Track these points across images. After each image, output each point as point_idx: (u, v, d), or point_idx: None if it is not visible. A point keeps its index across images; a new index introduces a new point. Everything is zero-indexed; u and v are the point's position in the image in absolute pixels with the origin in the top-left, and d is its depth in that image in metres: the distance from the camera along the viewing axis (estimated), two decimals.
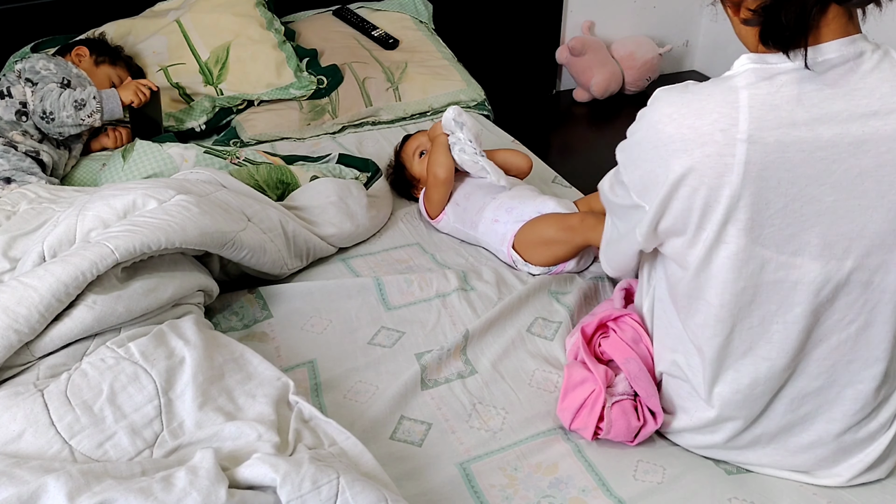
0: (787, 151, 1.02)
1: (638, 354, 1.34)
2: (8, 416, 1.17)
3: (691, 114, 1.06)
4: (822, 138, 1.02)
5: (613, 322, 1.41)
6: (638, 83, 3.25)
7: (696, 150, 1.04)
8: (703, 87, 1.08)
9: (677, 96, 1.09)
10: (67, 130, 2.01)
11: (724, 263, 1.10)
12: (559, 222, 1.70)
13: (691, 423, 1.27)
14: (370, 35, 2.69)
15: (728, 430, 1.23)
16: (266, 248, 1.62)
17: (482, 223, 1.82)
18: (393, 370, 1.46)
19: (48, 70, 2.07)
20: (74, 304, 1.31)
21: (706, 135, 1.04)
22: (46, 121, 1.97)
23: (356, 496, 1.05)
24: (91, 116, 2.00)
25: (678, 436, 1.31)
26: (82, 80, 2.13)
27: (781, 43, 1.02)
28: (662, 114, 1.09)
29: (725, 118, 1.03)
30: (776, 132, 1.02)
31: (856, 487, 1.25)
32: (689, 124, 1.05)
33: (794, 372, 1.17)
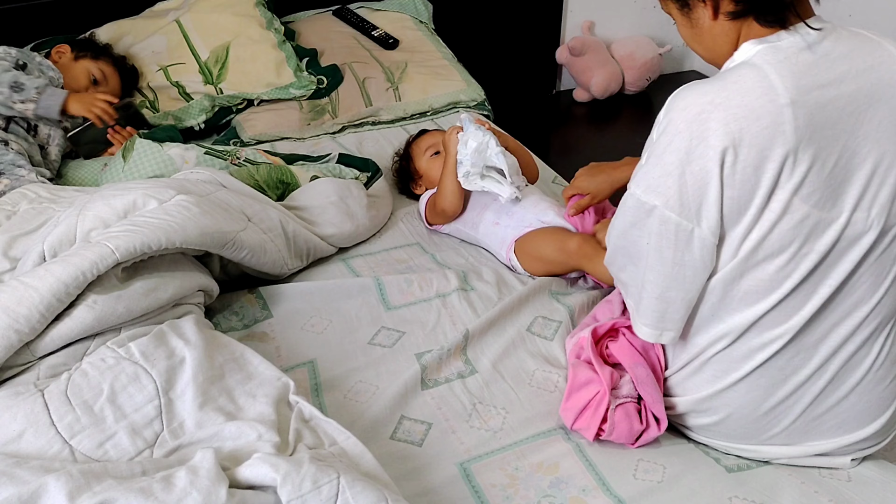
0: (825, 110, 1.08)
1: (647, 361, 1.33)
2: (8, 416, 1.17)
3: (735, 94, 1.07)
4: (846, 94, 1.09)
5: (627, 328, 1.39)
6: (638, 83, 3.25)
7: (753, 126, 1.05)
8: (727, 74, 1.10)
9: (703, 85, 1.10)
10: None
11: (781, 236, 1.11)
12: (558, 243, 1.68)
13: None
14: (370, 35, 2.69)
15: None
16: (266, 248, 1.62)
17: (483, 224, 1.82)
18: (393, 370, 1.46)
19: (8, 55, 2.03)
20: (75, 303, 1.31)
21: (758, 109, 1.06)
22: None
23: (356, 496, 1.05)
24: (24, 103, 1.94)
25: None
26: (44, 69, 2.07)
27: (782, 13, 1.09)
28: (701, 104, 1.08)
29: (767, 91, 1.06)
30: (812, 94, 1.07)
31: (857, 485, 1.25)
32: (737, 103, 1.06)
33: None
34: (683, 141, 1.08)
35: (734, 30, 1.13)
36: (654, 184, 1.12)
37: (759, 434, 1.27)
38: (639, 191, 1.15)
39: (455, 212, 1.85)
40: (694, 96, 1.09)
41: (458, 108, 2.52)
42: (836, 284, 1.15)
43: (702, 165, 1.08)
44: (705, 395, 1.27)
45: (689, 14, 1.16)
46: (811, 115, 1.07)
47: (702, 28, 1.15)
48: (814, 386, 1.21)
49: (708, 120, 1.06)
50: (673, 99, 1.13)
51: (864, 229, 1.12)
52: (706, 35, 1.16)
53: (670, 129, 1.10)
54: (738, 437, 1.29)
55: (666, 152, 1.10)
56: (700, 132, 1.07)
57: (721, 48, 1.15)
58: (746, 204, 1.09)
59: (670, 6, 1.19)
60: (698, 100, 1.08)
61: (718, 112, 1.06)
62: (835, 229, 1.11)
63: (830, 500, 1.21)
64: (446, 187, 1.83)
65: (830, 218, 1.11)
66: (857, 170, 1.11)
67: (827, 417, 1.23)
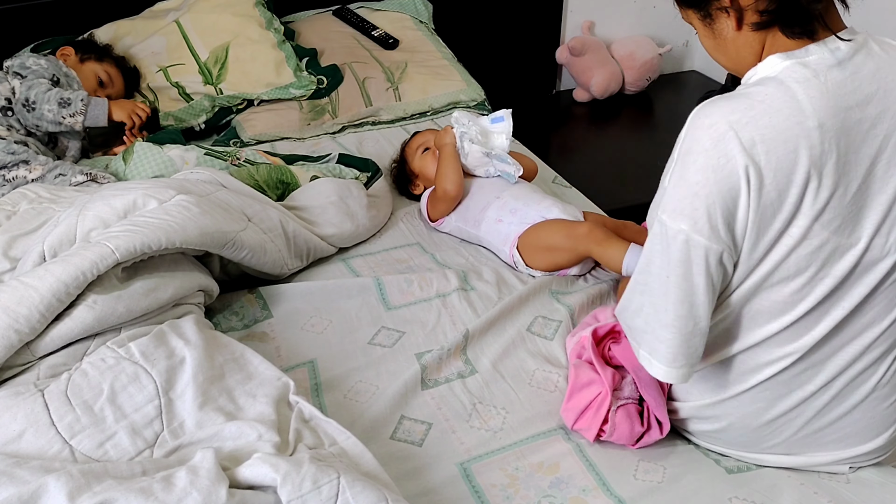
0: (850, 133, 1.05)
1: None
2: (8, 416, 1.17)
3: (763, 114, 1.03)
4: (871, 117, 1.06)
5: None
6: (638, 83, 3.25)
7: (779, 148, 1.02)
8: (753, 91, 1.06)
9: (730, 101, 1.05)
10: (45, 125, 1.99)
11: (799, 261, 1.08)
12: (567, 229, 1.69)
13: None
14: (370, 35, 2.69)
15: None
16: (266, 248, 1.62)
17: (485, 222, 1.82)
18: (393, 370, 1.46)
19: (39, 65, 2.07)
20: (75, 303, 1.31)
21: (785, 131, 1.02)
22: (27, 109, 1.96)
23: (356, 496, 1.05)
24: (73, 117, 1.99)
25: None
26: (71, 79, 2.13)
27: (809, 24, 1.04)
28: (729, 121, 1.03)
29: (795, 112, 1.03)
30: (838, 118, 1.04)
31: (857, 486, 1.25)
32: (765, 123, 1.02)
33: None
34: (711, 159, 1.03)
35: (758, 41, 1.08)
36: (679, 206, 1.06)
37: (760, 443, 1.27)
38: (664, 216, 1.08)
39: (458, 193, 1.85)
40: (720, 113, 1.04)
41: (458, 108, 2.52)
42: (849, 308, 1.12)
43: (731, 185, 1.03)
44: (708, 402, 1.27)
45: (712, 25, 1.11)
46: (838, 138, 1.03)
47: (725, 39, 1.11)
48: (817, 401, 1.20)
49: (736, 138, 1.02)
50: (696, 116, 1.07)
51: (882, 255, 1.10)
52: (730, 46, 1.12)
53: (695, 148, 1.05)
54: (738, 445, 1.29)
55: (690, 171, 1.05)
56: (728, 150, 1.02)
57: (745, 59, 1.11)
58: (767, 227, 1.06)
59: (691, 16, 1.14)
60: (726, 117, 1.03)
61: (746, 132, 1.02)
62: (853, 255, 1.09)
63: (830, 502, 1.21)
64: (446, 168, 1.85)
65: (849, 244, 1.08)
66: (878, 194, 1.08)
67: (828, 431, 1.23)
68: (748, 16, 1.07)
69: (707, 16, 1.11)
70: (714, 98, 1.08)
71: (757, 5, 1.05)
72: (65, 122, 1.99)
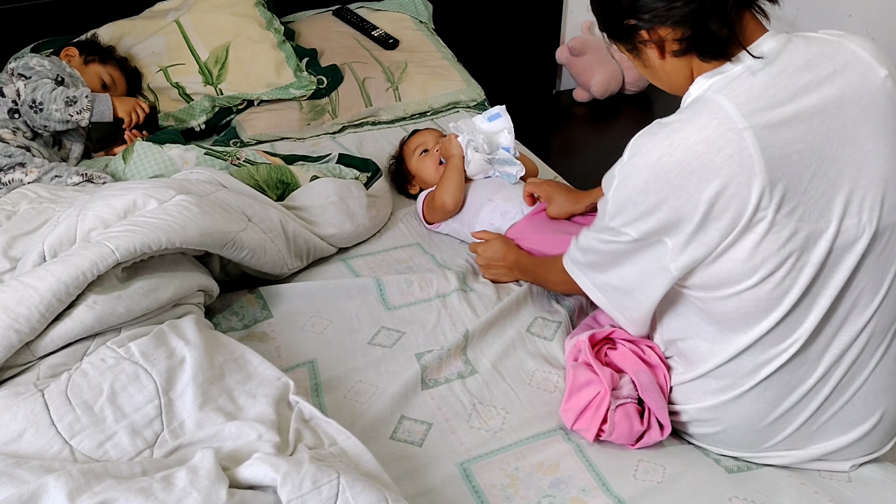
0: (790, 125, 1.08)
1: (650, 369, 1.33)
2: (8, 416, 1.17)
3: (693, 132, 1.07)
4: (810, 106, 1.09)
5: (630, 342, 1.38)
6: (638, 83, 3.25)
7: (716, 158, 1.06)
8: (682, 113, 1.12)
9: (663, 128, 1.11)
10: (53, 125, 2.00)
11: (772, 255, 1.10)
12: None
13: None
14: (370, 35, 2.69)
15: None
16: (266, 248, 1.62)
17: (478, 225, 1.83)
18: (393, 370, 1.46)
19: (42, 66, 2.08)
20: (75, 303, 1.31)
21: (717, 140, 1.06)
22: (35, 110, 1.97)
23: (356, 496, 1.05)
24: (80, 114, 2.01)
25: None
26: (76, 79, 2.14)
27: (721, 48, 1.10)
28: (661, 147, 1.09)
29: (723, 121, 1.07)
30: (771, 113, 1.07)
31: (857, 484, 1.25)
32: (696, 140, 1.07)
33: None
34: (651, 184, 1.10)
35: (685, 64, 1.15)
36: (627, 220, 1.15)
37: (762, 443, 1.27)
38: (612, 223, 1.17)
39: (456, 206, 1.85)
40: (653, 141, 1.10)
41: (458, 108, 2.52)
42: (835, 293, 1.13)
43: (677, 205, 1.09)
44: (709, 405, 1.27)
45: (640, 56, 1.18)
46: (775, 133, 1.06)
47: (654, 67, 1.18)
48: (818, 394, 1.20)
49: (670, 162, 1.08)
50: (632, 145, 1.14)
51: (857, 235, 1.11)
52: (660, 72, 1.18)
53: (634, 174, 1.12)
54: (741, 446, 1.29)
55: (634, 194, 1.12)
56: (665, 175, 1.08)
57: (678, 82, 1.18)
58: (728, 230, 1.09)
59: (621, 49, 1.21)
60: (658, 144, 1.09)
61: (679, 153, 1.07)
62: (826, 239, 1.10)
63: (830, 501, 1.21)
64: (450, 181, 1.85)
65: (819, 229, 1.10)
66: (839, 176, 1.10)
67: (831, 423, 1.23)
68: (668, 45, 1.13)
69: (633, 48, 1.17)
70: (650, 126, 1.14)
71: (673, 34, 1.11)
72: (72, 120, 2.01)
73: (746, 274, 1.11)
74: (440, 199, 1.85)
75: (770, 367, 1.18)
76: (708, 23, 1.07)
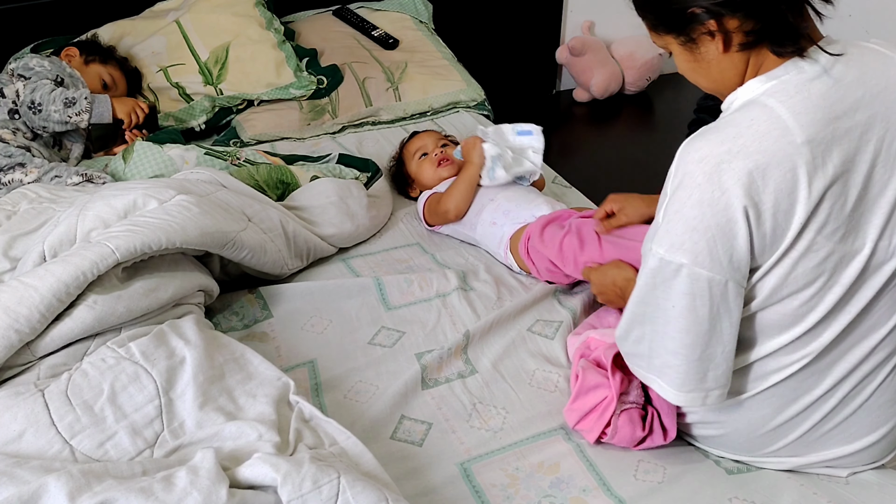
0: (842, 142, 1.04)
1: None
2: (9, 416, 1.17)
3: (752, 141, 1.03)
4: (861, 123, 1.05)
5: None
6: (638, 83, 3.25)
7: (775, 172, 1.02)
8: (737, 118, 1.06)
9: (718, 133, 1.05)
10: (52, 126, 2.00)
11: (806, 273, 1.08)
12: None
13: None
14: (370, 35, 2.69)
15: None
16: (266, 248, 1.62)
17: (480, 225, 1.82)
18: (393, 370, 1.46)
19: (42, 67, 2.08)
20: (75, 303, 1.31)
21: (778, 153, 1.02)
22: (33, 111, 1.97)
23: (357, 496, 1.05)
24: (79, 116, 2.01)
25: None
26: (76, 80, 2.14)
27: (797, 42, 1.04)
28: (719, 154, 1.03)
29: (784, 133, 1.03)
30: (829, 128, 1.04)
31: (856, 487, 1.25)
32: (756, 148, 1.02)
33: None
34: (705, 193, 1.03)
35: (743, 61, 1.08)
36: (678, 241, 1.06)
37: (764, 447, 1.26)
38: (661, 250, 1.07)
39: (458, 216, 1.84)
40: (709, 146, 1.04)
41: (458, 108, 2.52)
42: (857, 312, 1.12)
43: (728, 217, 1.03)
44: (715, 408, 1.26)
45: (694, 49, 1.10)
46: (829, 150, 1.03)
47: (709, 62, 1.10)
48: (824, 405, 1.20)
49: (728, 170, 1.02)
50: (685, 150, 1.07)
51: (887, 257, 1.10)
52: (713, 68, 1.10)
53: (688, 182, 1.05)
54: (743, 450, 1.29)
55: (686, 206, 1.05)
56: (721, 183, 1.02)
57: (730, 80, 1.11)
58: (773, 247, 1.06)
59: (669, 42, 1.12)
60: (715, 149, 1.03)
61: (738, 161, 1.02)
62: (859, 261, 1.08)
63: (829, 501, 1.21)
64: (459, 190, 1.83)
65: (854, 250, 1.08)
66: (878, 198, 1.07)
67: (834, 433, 1.23)
68: (735, 37, 1.06)
69: (690, 41, 1.09)
70: (702, 130, 1.08)
71: (743, 26, 1.04)
72: (71, 121, 2.01)
73: (776, 291, 1.10)
74: (444, 206, 1.84)
75: (779, 376, 1.18)
76: (784, 13, 1.02)
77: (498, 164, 1.81)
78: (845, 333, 1.14)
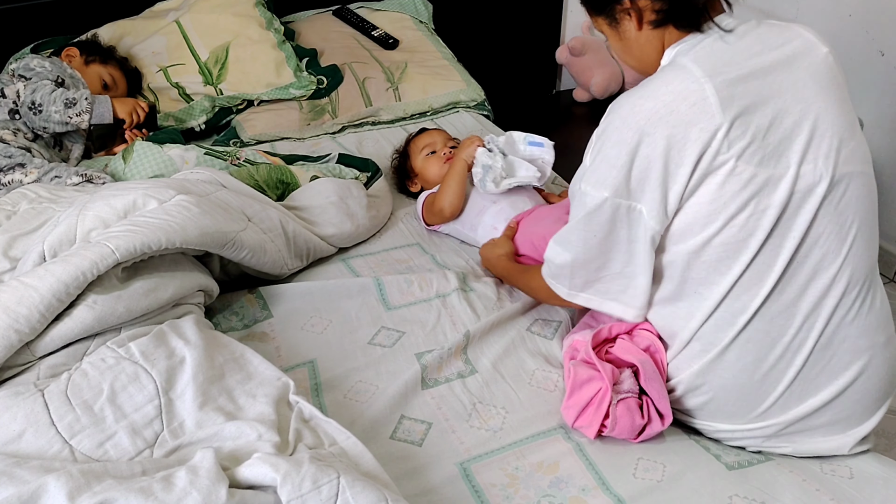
0: (747, 81, 1.18)
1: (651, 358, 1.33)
2: (8, 416, 1.17)
3: (660, 86, 1.18)
4: (764, 66, 1.21)
5: (627, 335, 1.38)
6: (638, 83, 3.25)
7: (681, 105, 1.16)
8: (653, 77, 1.22)
9: (635, 90, 1.21)
10: (52, 127, 2.00)
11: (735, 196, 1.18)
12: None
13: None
14: (370, 35, 2.69)
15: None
16: (266, 248, 1.62)
17: (481, 227, 1.82)
18: (393, 370, 1.46)
19: (43, 67, 2.09)
20: (75, 303, 1.31)
21: (682, 91, 1.16)
22: (34, 112, 1.98)
23: (356, 496, 1.05)
24: (79, 116, 2.01)
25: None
26: (76, 81, 2.14)
27: (696, 18, 1.22)
28: (632, 101, 1.20)
29: (688, 78, 1.17)
30: (730, 70, 1.18)
31: (859, 482, 1.25)
32: (663, 91, 1.17)
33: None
34: (623, 133, 1.19)
35: (658, 38, 1.25)
36: (602, 177, 1.22)
37: (756, 406, 1.27)
38: (588, 187, 1.24)
39: (454, 214, 1.85)
40: (625, 98, 1.22)
41: (458, 108, 2.53)
42: (799, 236, 1.20)
43: (646, 152, 1.18)
44: (697, 369, 1.29)
45: (618, 28, 1.28)
46: (733, 85, 1.17)
47: (630, 40, 1.28)
48: (802, 347, 1.23)
49: (641, 111, 1.18)
50: (611, 106, 1.25)
51: (815, 180, 1.19)
52: (634, 46, 1.28)
53: (609, 129, 1.22)
54: (735, 414, 1.30)
55: (606, 146, 1.21)
56: (635, 123, 1.18)
57: (649, 56, 1.28)
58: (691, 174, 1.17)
59: (601, 23, 1.31)
60: (629, 99, 1.21)
61: (648, 102, 1.17)
62: (786, 182, 1.18)
63: (832, 499, 1.21)
64: (450, 187, 1.83)
65: (778, 174, 1.18)
66: (794, 127, 1.19)
67: (821, 378, 1.25)
68: (646, 15, 1.23)
69: (613, 20, 1.28)
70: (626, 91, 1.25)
71: (653, 5, 1.22)
72: (72, 122, 2.01)
73: (711, 217, 1.19)
74: (438, 205, 1.85)
75: (745, 316, 1.23)
76: None
77: (488, 177, 1.80)
78: (797, 265, 1.21)
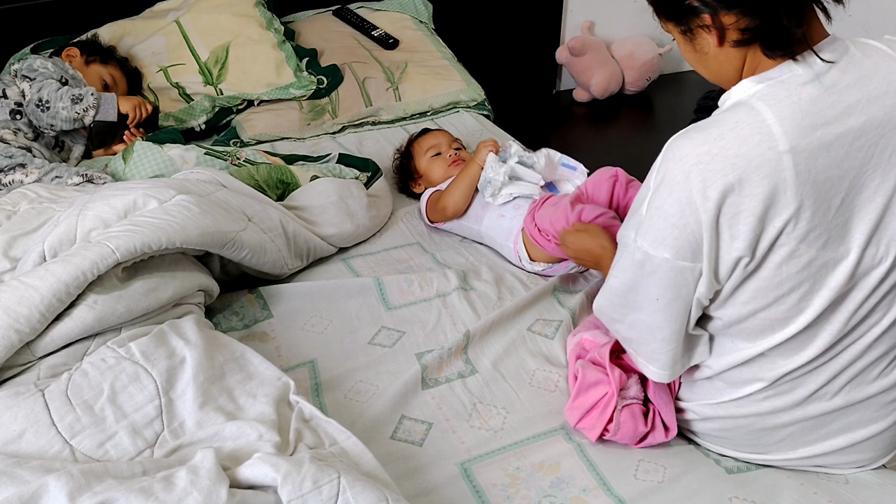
0: (829, 150, 1.04)
1: None
2: (9, 416, 1.17)
3: (732, 144, 1.03)
4: (854, 129, 1.05)
5: None
6: (638, 83, 3.25)
7: (753, 176, 1.02)
8: (724, 118, 1.06)
9: (701, 133, 1.06)
10: (59, 124, 2.01)
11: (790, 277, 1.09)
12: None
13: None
14: (370, 35, 2.69)
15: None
16: (266, 248, 1.62)
17: (487, 218, 1.82)
18: (393, 370, 1.46)
19: (46, 68, 2.09)
20: (75, 303, 1.31)
21: (757, 158, 1.02)
22: (42, 109, 1.98)
23: (357, 496, 1.05)
24: (86, 112, 2.02)
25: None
26: (78, 81, 2.15)
27: (789, 45, 1.04)
28: (698, 154, 1.04)
29: (765, 138, 1.03)
30: (816, 135, 1.03)
31: (855, 486, 1.25)
32: (735, 153, 1.03)
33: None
34: (684, 192, 1.05)
35: (739, 57, 1.08)
36: (660, 236, 1.09)
37: (766, 440, 1.27)
38: (646, 244, 1.11)
39: (456, 214, 1.85)
40: (690, 146, 1.06)
41: (458, 108, 2.52)
42: (848, 315, 1.13)
43: (704, 217, 1.05)
44: (715, 402, 1.27)
45: (693, 40, 1.11)
46: (814, 158, 1.03)
47: (706, 54, 1.11)
48: (822, 398, 1.20)
49: (706, 171, 1.03)
50: (669, 148, 1.09)
51: (874, 264, 1.10)
52: (711, 61, 1.11)
53: (668, 180, 1.07)
54: (744, 445, 1.29)
55: (667, 203, 1.07)
56: (699, 183, 1.04)
57: (727, 74, 1.11)
58: (749, 250, 1.06)
59: (671, 29, 1.14)
60: (695, 150, 1.05)
61: (716, 163, 1.03)
62: (845, 266, 1.09)
63: (829, 501, 1.21)
64: (459, 188, 1.83)
65: (839, 257, 1.08)
66: (866, 204, 1.07)
67: (834, 426, 1.23)
68: (729, 34, 1.06)
69: (688, 31, 1.10)
70: (688, 128, 1.09)
71: (738, 24, 1.04)
72: (80, 117, 2.02)
73: (761, 293, 1.11)
74: (443, 203, 1.85)
75: (778, 372, 1.19)
76: (780, 15, 1.01)
77: (486, 191, 1.80)
78: (840, 338, 1.15)
